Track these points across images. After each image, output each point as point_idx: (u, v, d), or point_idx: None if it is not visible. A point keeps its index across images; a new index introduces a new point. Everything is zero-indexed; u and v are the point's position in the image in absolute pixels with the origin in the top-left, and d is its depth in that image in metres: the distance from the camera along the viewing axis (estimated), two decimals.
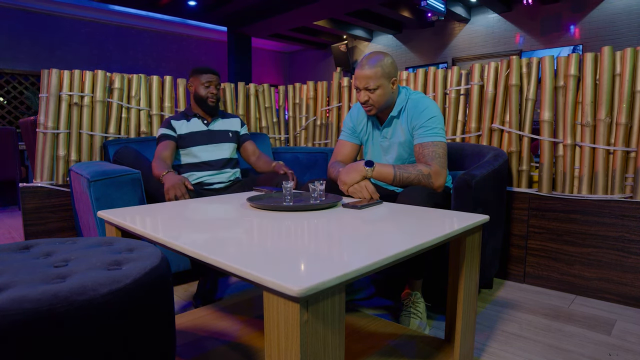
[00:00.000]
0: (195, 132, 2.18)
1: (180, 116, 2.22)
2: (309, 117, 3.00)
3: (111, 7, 6.85)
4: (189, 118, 2.21)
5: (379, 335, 1.39)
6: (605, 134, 1.89)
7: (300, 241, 0.97)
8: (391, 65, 1.66)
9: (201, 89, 2.15)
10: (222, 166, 2.20)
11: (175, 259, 1.94)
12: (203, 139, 2.18)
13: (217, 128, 2.24)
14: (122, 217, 1.20)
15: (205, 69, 2.19)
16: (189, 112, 2.23)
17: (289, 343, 0.69)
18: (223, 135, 2.25)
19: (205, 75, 2.16)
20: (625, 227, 1.83)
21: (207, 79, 2.15)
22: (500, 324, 1.65)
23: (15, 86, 6.63)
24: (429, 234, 0.99)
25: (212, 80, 2.16)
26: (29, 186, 2.25)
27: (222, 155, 2.21)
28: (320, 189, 1.38)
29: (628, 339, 1.54)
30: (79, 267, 0.81)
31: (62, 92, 2.33)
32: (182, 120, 2.19)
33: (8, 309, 0.64)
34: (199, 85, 2.16)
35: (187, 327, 1.44)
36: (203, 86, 2.15)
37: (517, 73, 2.10)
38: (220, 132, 2.24)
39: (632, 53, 1.82)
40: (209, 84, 2.15)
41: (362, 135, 1.86)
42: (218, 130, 2.24)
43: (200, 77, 2.15)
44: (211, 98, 2.16)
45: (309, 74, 10.09)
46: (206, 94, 2.15)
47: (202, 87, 2.15)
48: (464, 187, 1.56)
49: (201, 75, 2.15)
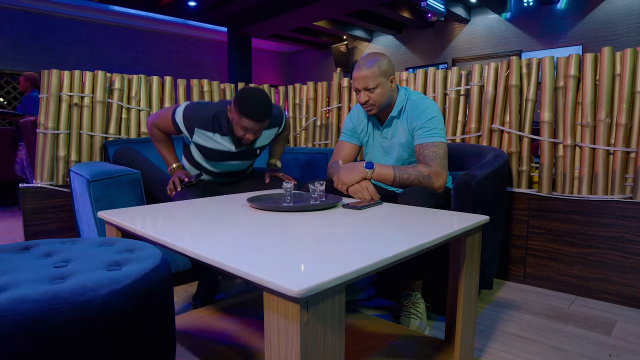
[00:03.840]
0: (221, 152, 1.86)
1: (209, 124, 1.78)
2: (309, 117, 3.00)
3: (111, 8, 6.85)
4: (217, 132, 1.81)
5: (379, 335, 1.39)
6: (605, 135, 1.89)
7: (300, 242, 0.97)
8: (388, 64, 1.67)
9: (238, 129, 1.73)
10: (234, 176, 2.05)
11: (175, 260, 1.94)
12: (226, 156, 1.89)
13: (247, 148, 1.91)
14: (122, 218, 1.20)
15: (249, 111, 1.66)
16: (224, 127, 1.79)
17: (289, 343, 0.69)
18: (250, 153, 1.95)
19: (246, 120, 1.68)
20: (625, 228, 1.83)
21: (246, 125, 1.69)
22: (500, 325, 1.65)
23: (15, 86, 6.63)
24: (429, 235, 0.99)
25: (250, 128, 1.70)
26: (29, 187, 2.25)
27: (238, 168, 2.00)
28: (320, 189, 1.38)
29: (628, 340, 1.54)
30: (79, 268, 0.82)
31: (62, 93, 2.33)
32: (209, 132, 1.80)
33: (8, 309, 0.64)
34: (237, 124, 1.72)
35: (187, 328, 1.44)
36: (240, 127, 1.72)
37: (517, 74, 2.10)
38: (248, 151, 1.93)
39: (632, 53, 1.82)
40: (247, 131, 1.72)
41: (363, 136, 1.86)
42: (247, 150, 1.92)
43: (240, 118, 1.68)
44: (246, 142, 1.77)
45: (309, 75, 10.09)
46: (242, 136, 1.75)
47: (239, 127, 1.72)
48: (464, 187, 1.56)
49: (241, 118, 1.68)
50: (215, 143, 1.83)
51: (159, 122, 1.87)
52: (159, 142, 1.93)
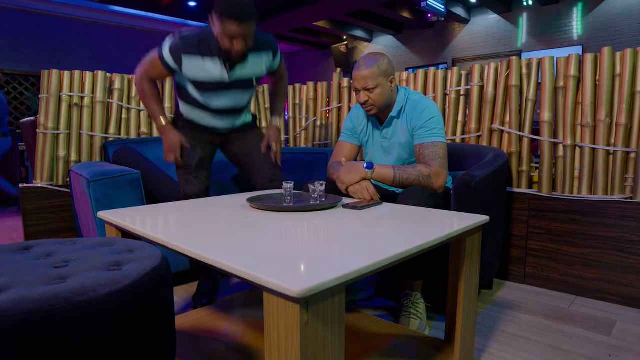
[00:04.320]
0: (214, 83, 1.71)
1: (195, 47, 1.64)
2: (309, 117, 3.00)
3: (111, 8, 6.85)
4: (207, 55, 1.65)
5: (379, 335, 1.39)
6: (605, 135, 1.89)
7: (300, 242, 0.97)
8: (388, 64, 1.67)
9: (225, 40, 1.56)
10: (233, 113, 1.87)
11: (175, 260, 1.94)
12: (221, 87, 1.73)
13: (240, 75, 1.74)
14: (122, 218, 1.20)
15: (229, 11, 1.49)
16: (210, 46, 1.64)
17: (289, 344, 0.69)
18: (245, 84, 1.79)
19: (229, 23, 1.50)
20: (625, 228, 1.82)
21: (231, 30, 1.52)
22: (500, 325, 1.65)
23: (15, 87, 6.64)
24: (429, 235, 0.99)
25: (236, 34, 1.53)
26: (29, 187, 2.25)
27: (236, 104, 1.83)
28: (320, 189, 1.38)
29: (628, 340, 1.53)
30: (79, 268, 0.81)
31: (62, 93, 2.33)
32: (197, 57, 1.65)
33: (8, 309, 0.64)
34: (222, 35, 1.55)
35: (187, 328, 1.44)
36: (226, 37, 1.55)
37: (517, 74, 2.10)
38: (243, 81, 1.77)
39: (632, 54, 1.82)
40: (233, 39, 1.55)
41: (362, 136, 1.86)
42: (241, 80, 1.76)
43: (223, 23, 1.52)
44: (236, 54, 1.61)
45: (309, 75, 10.09)
46: (230, 49, 1.58)
47: (225, 38, 1.55)
48: (464, 187, 1.56)
49: (224, 23, 1.51)
50: (206, 72, 1.68)
51: (149, 70, 1.74)
52: (148, 97, 1.78)
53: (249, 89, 1.83)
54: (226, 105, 1.81)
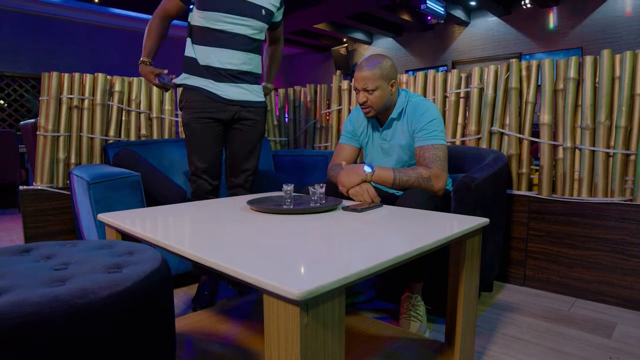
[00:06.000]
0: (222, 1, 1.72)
1: None
2: (309, 120, 3.01)
3: (111, 10, 6.87)
4: None
5: (379, 338, 1.38)
6: (605, 137, 1.89)
7: (300, 244, 0.97)
8: (390, 67, 1.67)
9: None
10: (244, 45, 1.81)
11: (174, 262, 1.94)
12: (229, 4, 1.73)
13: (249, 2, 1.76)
14: (122, 220, 1.20)
15: None
16: None
17: (289, 346, 0.69)
18: (254, 10, 1.78)
19: None
20: (625, 230, 1.82)
21: None
22: (501, 327, 1.65)
23: (15, 89, 6.64)
24: (429, 237, 0.99)
25: None
26: (29, 189, 2.25)
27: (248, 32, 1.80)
28: (321, 192, 1.38)
29: (628, 342, 1.53)
30: (79, 270, 0.81)
31: (62, 95, 2.33)
32: None
33: (8, 312, 0.64)
34: None
35: (187, 330, 1.44)
36: None
37: (517, 76, 2.11)
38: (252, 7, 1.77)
39: (632, 56, 1.82)
40: None
41: (362, 138, 1.87)
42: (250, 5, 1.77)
43: None
44: None
45: (309, 77, 10.11)
46: None
47: None
48: (464, 190, 1.56)
49: None
50: None
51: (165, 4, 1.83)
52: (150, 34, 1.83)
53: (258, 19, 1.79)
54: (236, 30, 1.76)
